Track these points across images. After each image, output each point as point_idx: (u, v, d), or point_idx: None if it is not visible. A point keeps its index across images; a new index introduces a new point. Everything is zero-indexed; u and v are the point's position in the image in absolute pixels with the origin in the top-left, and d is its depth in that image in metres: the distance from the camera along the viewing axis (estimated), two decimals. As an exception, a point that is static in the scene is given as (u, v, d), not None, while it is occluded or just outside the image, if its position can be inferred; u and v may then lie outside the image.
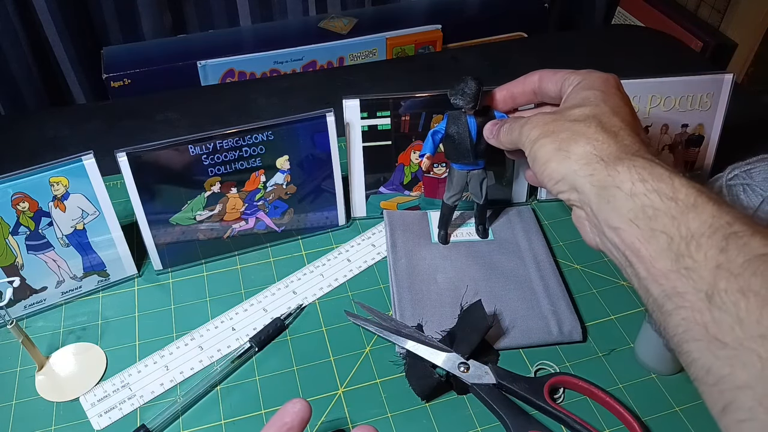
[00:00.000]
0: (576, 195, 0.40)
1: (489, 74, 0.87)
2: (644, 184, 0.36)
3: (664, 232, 0.34)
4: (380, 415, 0.48)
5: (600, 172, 0.38)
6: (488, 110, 0.54)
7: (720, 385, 0.30)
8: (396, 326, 0.52)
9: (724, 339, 0.29)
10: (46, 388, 0.50)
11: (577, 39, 1.01)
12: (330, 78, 0.91)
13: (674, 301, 0.32)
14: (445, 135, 0.55)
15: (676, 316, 0.32)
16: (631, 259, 0.35)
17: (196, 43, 1.09)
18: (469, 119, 0.53)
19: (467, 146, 0.54)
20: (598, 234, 0.39)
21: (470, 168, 0.56)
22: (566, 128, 0.41)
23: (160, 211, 0.56)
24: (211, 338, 0.54)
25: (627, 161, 0.37)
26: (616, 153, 0.38)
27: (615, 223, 0.36)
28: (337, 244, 0.63)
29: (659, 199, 0.35)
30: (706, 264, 0.31)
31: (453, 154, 0.56)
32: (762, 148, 0.53)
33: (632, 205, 0.35)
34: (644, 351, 0.51)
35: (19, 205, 0.51)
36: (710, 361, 0.30)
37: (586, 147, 0.39)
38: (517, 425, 0.46)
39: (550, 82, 0.49)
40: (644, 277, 0.34)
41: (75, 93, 1.08)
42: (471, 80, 0.52)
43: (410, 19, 1.13)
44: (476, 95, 0.51)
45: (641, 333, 0.51)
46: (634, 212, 0.35)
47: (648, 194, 0.35)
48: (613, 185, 0.37)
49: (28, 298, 0.55)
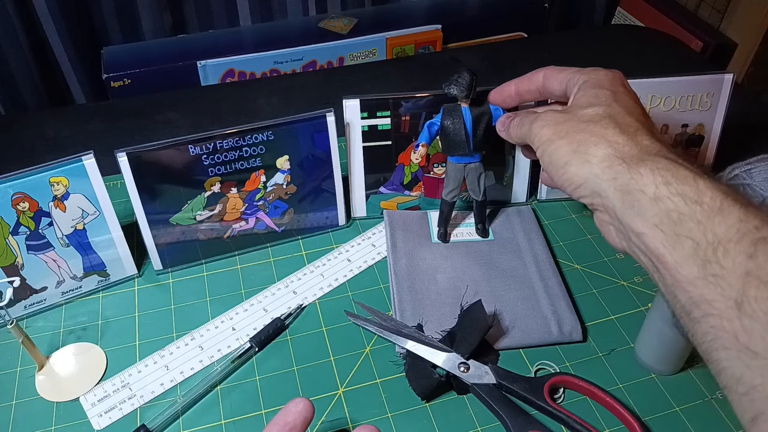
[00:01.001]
0: (599, 199, 0.39)
1: (489, 74, 0.87)
2: (668, 187, 0.34)
3: (689, 237, 0.33)
4: (380, 415, 0.48)
5: (622, 176, 0.37)
6: (483, 102, 0.55)
7: (751, 395, 0.29)
8: (396, 326, 0.52)
9: (756, 348, 0.29)
10: (46, 388, 0.50)
11: (577, 39, 1.01)
12: (330, 78, 0.91)
13: (702, 308, 0.31)
14: (441, 127, 0.56)
15: (704, 323, 0.31)
16: (657, 265, 0.34)
17: (196, 43, 1.09)
18: (464, 111, 0.54)
19: (462, 137, 0.55)
20: (625, 238, 0.38)
21: (466, 161, 0.57)
22: (581, 129, 0.40)
23: (160, 211, 0.56)
24: (211, 338, 0.54)
25: (650, 163, 0.36)
26: (637, 155, 0.37)
27: (639, 228, 0.35)
28: (337, 244, 0.63)
29: (684, 203, 0.33)
30: (734, 271, 0.30)
31: (449, 146, 0.56)
32: (762, 148, 0.53)
33: (656, 209, 0.34)
34: (644, 351, 0.51)
35: (19, 205, 0.51)
36: (741, 371, 0.29)
37: (607, 149, 0.38)
38: (517, 425, 0.46)
39: (555, 81, 0.48)
40: (671, 284, 0.34)
41: (75, 93, 1.08)
42: (465, 71, 0.53)
43: (410, 19, 1.13)
44: (470, 85, 0.53)
45: (641, 333, 0.51)
46: (658, 217, 0.34)
47: (672, 198, 0.34)
48: (637, 189, 0.36)
49: (28, 298, 0.55)
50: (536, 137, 0.43)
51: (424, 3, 1.20)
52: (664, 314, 0.47)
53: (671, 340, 0.48)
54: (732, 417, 0.48)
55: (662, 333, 0.48)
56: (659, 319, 0.48)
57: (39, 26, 0.99)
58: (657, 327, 0.48)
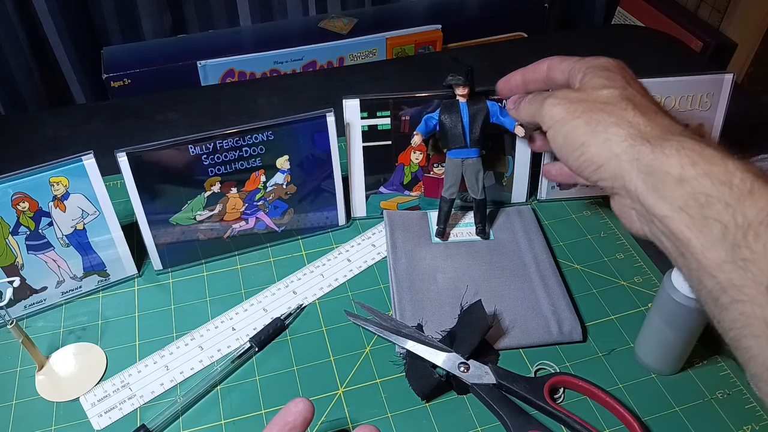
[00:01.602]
0: (620, 182, 0.37)
1: (489, 74, 0.87)
2: (694, 167, 0.33)
3: (717, 220, 0.31)
4: (380, 415, 0.48)
5: (645, 156, 0.35)
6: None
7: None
8: (396, 326, 0.52)
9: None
10: (46, 388, 0.50)
11: (577, 39, 1.01)
12: (330, 78, 0.91)
13: (730, 294, 0.30)
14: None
15: (733, 310, 0.30)
16: (682, 250, 0.33)
17: (196, 43, 1.09)
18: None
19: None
20: (647, 222, 0.36)
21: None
22: (599, 108, 0.39)
23: (160, 211, 0.56)
24: (211, 338, 0.54)
25: (674, 142, 0.34)
26: (660, 134, 0.36)
27: (663, 212, 0.34)
28: (337, 244, 0.63)
29: (711, 184, 0.32)
30: (765, 255, 0.29)
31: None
32: (762, 148, 0.53)
33: (682, 191, 0.33)
34: (644, 351, 0.51)
35: (19, 205, 0.51)
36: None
37: (629, 129, 0.37)
38: (517, 425, 0.46)
39: (557, 70, 0.48)
40: (696, 269, 0.32)
41: (75, 93, 1.08)
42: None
43: (410, 19, 1.13)
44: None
45: (641, 333, 0.51)
46: (683, 199, 0.33)
47: (699, 179, 0.32)
48: (661, 170, 0.34)
49: (28, 298, 0.55)
50: (548, 115, 0.42)
51: (424, 3, 1.20)
52: (664, 314, 0.47)
53: (671, 340, 0.48)
54: (732, 417, 0.48)
55: (662, 333, 0.48)
56: (659, 319, 0.48)
57: (39, 26, 0.99)
58: (657, 327, 0.48)
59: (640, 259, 0.60)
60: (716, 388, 0.50)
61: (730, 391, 0.49)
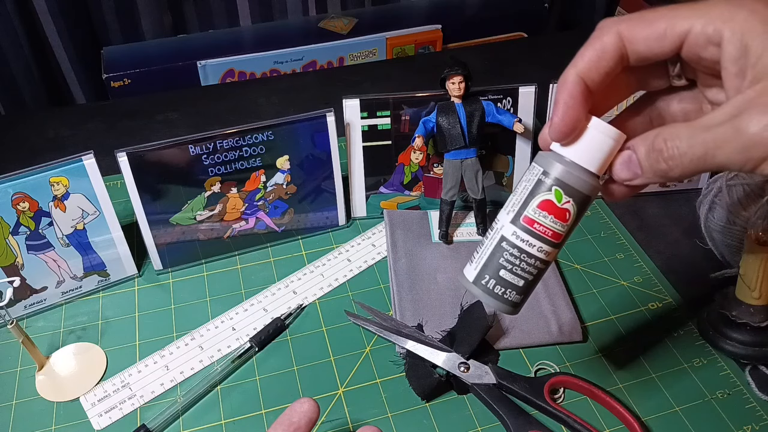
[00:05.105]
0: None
1: (489, 74, 0.87)
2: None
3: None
4: (380, 415, 0.48)
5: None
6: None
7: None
8: (396, 326, 0.52)
9: None
10: (46, 388, 0.50)
11: (577, 39, 1.01)
12: (330, 78, 0.92)
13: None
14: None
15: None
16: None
17: (196, 43, 1.08)
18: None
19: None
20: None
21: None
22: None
23: (160, 211, 0.56)
24: (211, 338, 0.54)
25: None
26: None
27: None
28: (337, 244, 0.63)
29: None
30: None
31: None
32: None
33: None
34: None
35: (19, 205, 0.51)
36: None
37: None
38: (517, 425, 0.46)
39: (644, 41, 0.31)
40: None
41: (75, 93, 1.08)
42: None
43: (410, 19, 1.13)
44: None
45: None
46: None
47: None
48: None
49: (29, 298, 0.55)
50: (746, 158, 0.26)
51: (424, 3, 1.20)
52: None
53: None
54: (732, 417, 0.48)
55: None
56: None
57: (39, 26, 0.99)
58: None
59: (640, 259, 0.60)
60: (716, 388, 0.50)
61: (730, 391, 0.49)
